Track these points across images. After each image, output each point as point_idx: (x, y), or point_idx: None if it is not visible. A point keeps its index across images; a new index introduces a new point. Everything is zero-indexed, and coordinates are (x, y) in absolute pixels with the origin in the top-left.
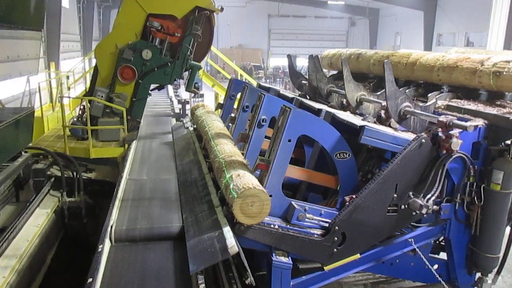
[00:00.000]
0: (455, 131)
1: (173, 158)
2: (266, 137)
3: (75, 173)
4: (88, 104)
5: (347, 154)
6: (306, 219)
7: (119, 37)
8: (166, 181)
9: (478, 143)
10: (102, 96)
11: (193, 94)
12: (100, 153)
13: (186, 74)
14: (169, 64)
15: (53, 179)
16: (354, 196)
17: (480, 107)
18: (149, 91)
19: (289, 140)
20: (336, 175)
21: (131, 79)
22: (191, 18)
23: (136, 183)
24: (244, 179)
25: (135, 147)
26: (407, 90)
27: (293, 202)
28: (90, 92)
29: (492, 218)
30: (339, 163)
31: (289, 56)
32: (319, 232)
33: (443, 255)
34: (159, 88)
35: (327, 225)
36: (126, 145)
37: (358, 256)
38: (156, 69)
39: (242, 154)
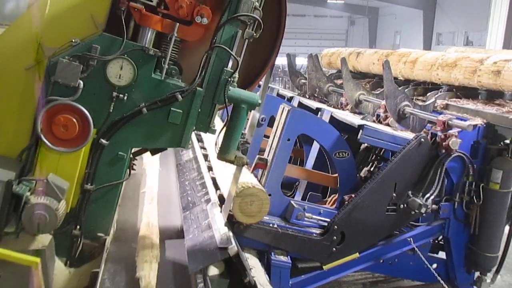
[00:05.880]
0: (454, 130)
1: None
2: (265, 136)
3: None
4: None
5: (346, 153)
6: (305, 218)
7: (47, 26)
8: None
9: (477, 142)
10: None
11: None
12: None
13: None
14: (180, 96)
15: None
16: (353, 195)
17: (479, 106)
18: (132, 163)
19: (288, 139)
20: (335, 174)
21: (79, 140)
22: None
23: None
24: (243, 178)
25: None
26: (406, 89)
27: (292, 201)
28: None
29: (491, 217)
30: (338, 162)
31: (288, 55)
32: (318, 231)
33: (442, 254)
34: (153, 152)
35: (326, 224)
36: None
37: (357, 255)
38: (145, 109)
39: None
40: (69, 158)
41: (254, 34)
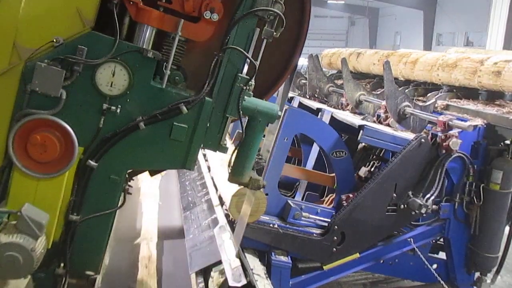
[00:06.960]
0: (455, 131)
1: None
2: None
3: None
4: None
5: (344, 152)
6: (303, 218)
7: (23, 22)
8: None
9: (478, 142)
10: None
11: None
12: None
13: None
14: (185, 107)
15: None
16: (350, 195)
17: (480, 107)
18: (127, 186)
19: (286, 139)
20: (333, 173)
21: (61, 163)
22: None
23: None
24: None
25: None
26: (406, 90)
27: (289, 201)
28: None
29: (491, 218)
30: (336, 162)
31: None
32: (318, 231)
33: (442, 255)
34: (152, 172)
35: (326, 224)
36: None
37: (357, 255)
38: (142, 123)
39: None
40: (49, 184)
41: (274, 32)
